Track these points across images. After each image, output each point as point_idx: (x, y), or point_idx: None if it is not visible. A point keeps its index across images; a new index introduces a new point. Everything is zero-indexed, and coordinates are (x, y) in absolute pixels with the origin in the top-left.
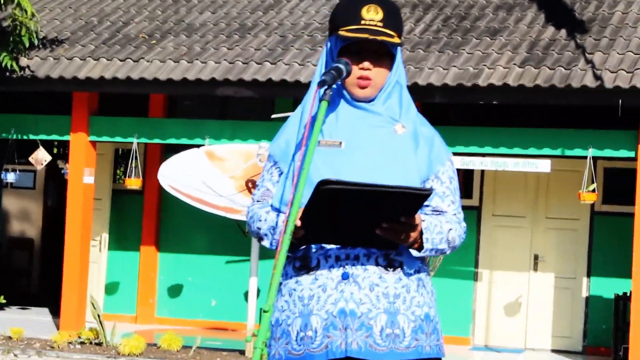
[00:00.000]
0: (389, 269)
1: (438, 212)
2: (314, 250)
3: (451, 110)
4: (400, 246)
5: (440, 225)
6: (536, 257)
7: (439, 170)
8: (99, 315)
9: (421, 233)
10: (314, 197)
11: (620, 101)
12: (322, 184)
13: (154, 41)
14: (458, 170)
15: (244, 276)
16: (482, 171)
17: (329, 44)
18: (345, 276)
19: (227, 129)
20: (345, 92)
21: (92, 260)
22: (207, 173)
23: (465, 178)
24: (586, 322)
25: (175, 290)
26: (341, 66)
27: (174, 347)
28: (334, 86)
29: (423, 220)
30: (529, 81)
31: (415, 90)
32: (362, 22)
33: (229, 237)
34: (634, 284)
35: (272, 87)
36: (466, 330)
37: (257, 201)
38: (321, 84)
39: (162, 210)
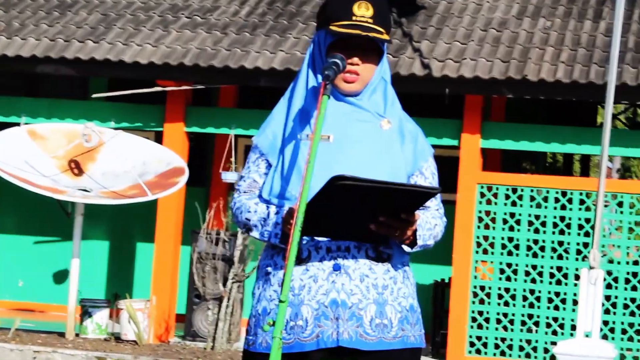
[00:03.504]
0: (378, 260)
1: (422, 208)
2: (304, 242)
3: (270, 95)
4: (390, 240)
5: (428, 221)
6: None
7: (422, 166)
8: None
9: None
10: (325, 192)
11: (447, 90)
12: (337, 179)
13: None
14: None
15: (54, 257)
16: None
17: (316, 38)
18: (336, 267)
19: (44, 107)
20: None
21: None
22: (29, 152)
23: None
24: None
25: None
26: (339, 61)
27: None
28: (321, 80)
29: None
30: None
31: (241, 74)
32: (354, 17)
33: (42, 217)
34: (454, 271)
35: (95, 66)
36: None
37: (244, 192)
38: (326, 78)
39: None
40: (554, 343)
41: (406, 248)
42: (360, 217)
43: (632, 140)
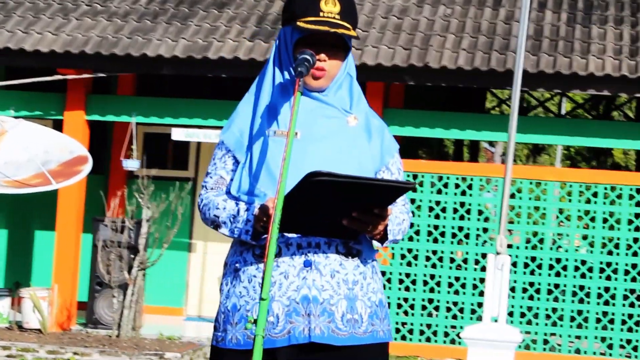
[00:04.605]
0: (348, 256)
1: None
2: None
3: (170, 82)
4: (360, 235)
5: (397, 216)
6: None
7: (388, 162)
8: None
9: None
10: (300, 188)
11: None
12: (312, 176)
13: None
14: (182, 142)
15: None
16: (198, 143)
17: (282, 34)
18: (307, 264)
19: None
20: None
21: None
22: None
23: (182, 150)
24: None
25: None
26: (309, 57)
27: None
28: (288, 77)
29: None
30: (260, 55)
31: (143, 62)
32: (321, 14)
33: None
34: None
35: None
36: (180, 301)
37: (211, 189)
38: (299, 75)
39: None
40: (453, 327)
41: (376, 243)
42: (332, 213)
43: (522, 126)
